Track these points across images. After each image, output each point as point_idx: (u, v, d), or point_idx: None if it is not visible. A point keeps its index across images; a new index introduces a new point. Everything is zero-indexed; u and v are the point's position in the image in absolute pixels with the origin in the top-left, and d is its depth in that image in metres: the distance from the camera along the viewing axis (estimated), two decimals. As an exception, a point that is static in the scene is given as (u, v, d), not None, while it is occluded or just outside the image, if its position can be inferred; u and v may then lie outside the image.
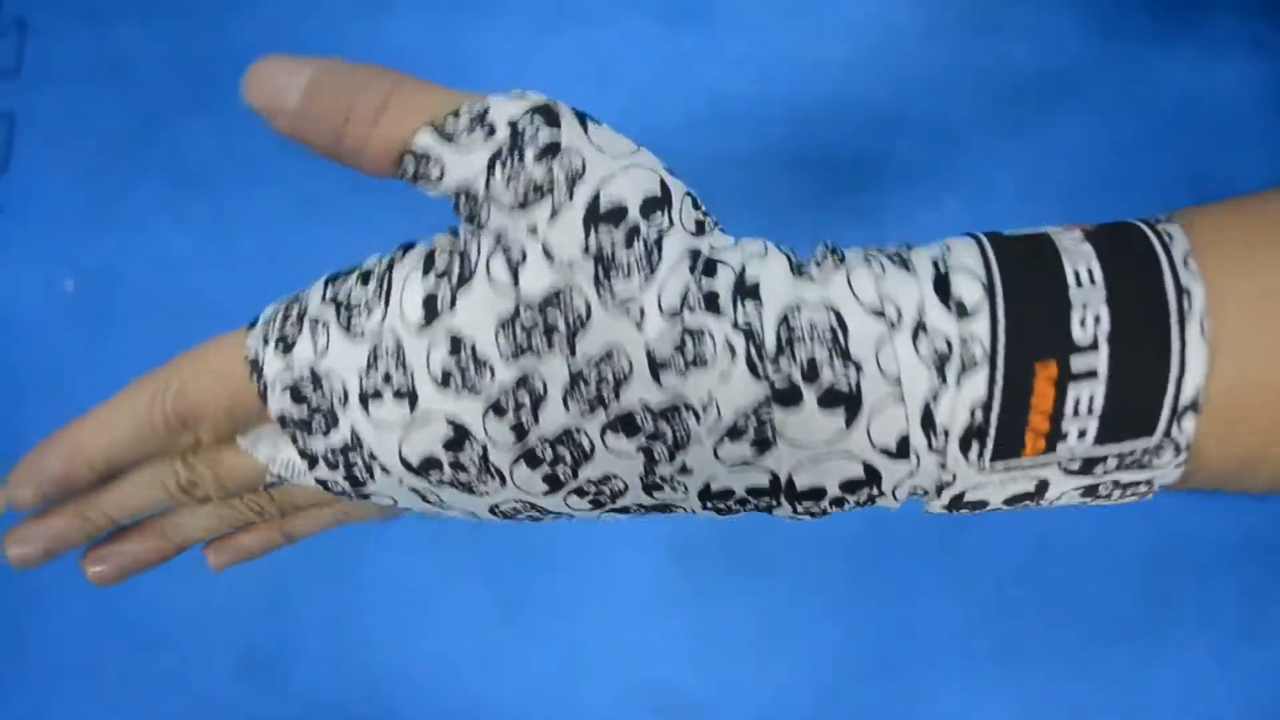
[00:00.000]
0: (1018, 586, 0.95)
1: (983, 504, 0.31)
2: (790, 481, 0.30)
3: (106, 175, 1.05)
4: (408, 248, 0.31)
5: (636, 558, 0.96)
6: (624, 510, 0.32)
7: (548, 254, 0.28)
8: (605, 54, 1.04)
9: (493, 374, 0.28)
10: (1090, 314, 0.27)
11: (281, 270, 1.02)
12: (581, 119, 0.30)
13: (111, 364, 1.01)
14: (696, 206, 0.31)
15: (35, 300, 1.02)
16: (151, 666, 0.96)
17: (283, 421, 0.32)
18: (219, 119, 1.05)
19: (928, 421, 0.28)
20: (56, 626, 0.97)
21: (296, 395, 0.32)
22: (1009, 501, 0.30)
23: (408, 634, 0.96)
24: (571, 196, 0.28)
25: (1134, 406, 0.27)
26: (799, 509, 0.32)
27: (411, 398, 0.29)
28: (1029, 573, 0.95)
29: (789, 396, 0.28)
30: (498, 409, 0.28)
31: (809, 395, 0.28)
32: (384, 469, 0.31)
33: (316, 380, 0.31)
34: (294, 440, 0.33)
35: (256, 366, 0.32)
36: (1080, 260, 0.27)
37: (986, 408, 0.27)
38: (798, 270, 0.29)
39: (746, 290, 0.29)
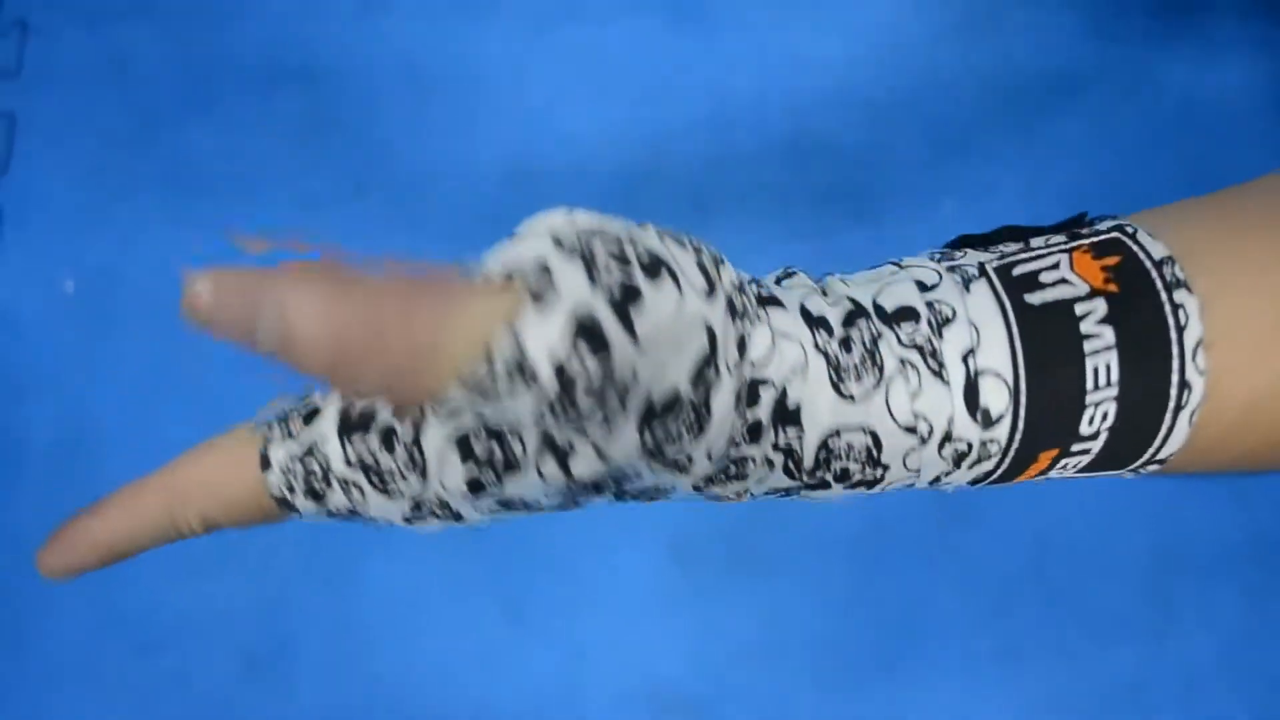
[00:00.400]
0: (1018, 586, 0.95)
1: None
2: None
3: (106, 176, 1.05)
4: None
5: (637, 559, 0.96)
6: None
7: (601, 453, 0.27)
8: (605, 53, 1.04)
9: (541, 506, 0.29)
10: (1100, 412, 0.29)
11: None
12: (623, 313, 0.25)
13: (111, 364, 1.01)
14: (739, 314, 0.28)
15: (35, 301, 1.02)
16: (152, 667, 0.96)
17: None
18: (219, 120, 1.05)
19: (934, 481, 0.31)
20: (58, 627, 0.97)
21: (331, 515, 0.32)
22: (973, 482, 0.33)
23: (409, 635, 0.96)
24: (625, 408, 0.26)
25: (1113, 460, 0.30)
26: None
27: (457, 518, 0.30)
28: (1029, 572, 0.95)
29: (819, 486, 0.31)
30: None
31: (837, 486, 0.31)
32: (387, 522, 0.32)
33: (355, 513, 0.31)
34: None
35: (286, 503, 0.31)
36: (1100, 355, 0.29)
37: (988, 475, 0.31)
38: (837, 382, 0.29)
39: (788, 415, 0.29)
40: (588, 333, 0.24)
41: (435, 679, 0.95)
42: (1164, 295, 0.29)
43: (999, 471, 0.30)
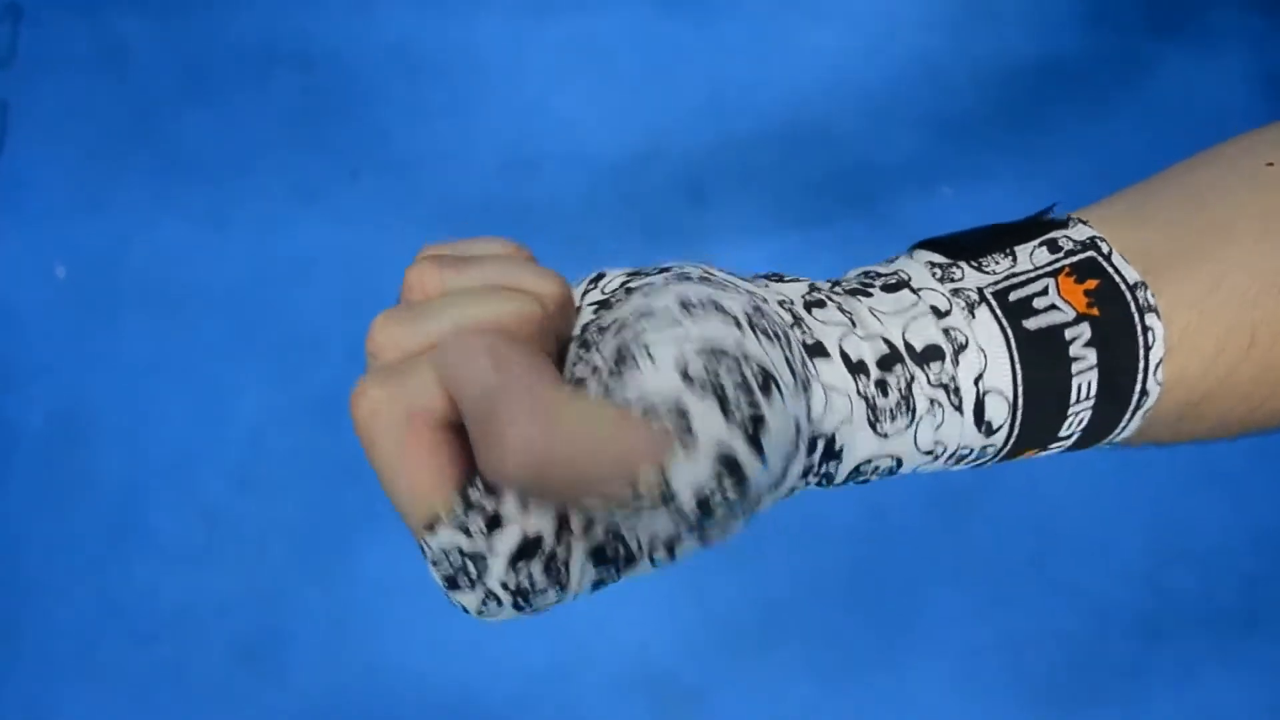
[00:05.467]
0: (1016, 576, 0.95)
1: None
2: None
3: (101, 163, 1.05)
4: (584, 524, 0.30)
5: (633, 547, 0.96)
6: None
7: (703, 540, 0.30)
8: (602, 42, 1.04)
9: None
10: (1077, 419, 0.35)
11: (276, 259, 1.02)
12: (755, 441, 0.28)
13: (105, 351, 1.01)
14: (803, 385, 0.31)
15: (30, 288, 1.02)
16: (148, 657, 0.96)
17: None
18: (214, 108, 1.05)
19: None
20: (54, 617, 0.97)
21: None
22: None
23: (403, 624, 0.96)
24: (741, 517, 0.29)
25: (1074, 448, 0.37)
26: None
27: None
28: (1030, 562, 0.95)
29: (831, 481, 0.35)
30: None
31: (850, 482, 0.35)
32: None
33: (466, 610, 0.32)
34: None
35: (421, 549, 0.31)
36: (1084, 374, 0.34)
37: (975, 464, 0.36)
38: (874, 422, 0.33)
39: (833, 454, 0.33)
40: (728, 464, 0.27)
41: (429, 667, 0.95)
42: (1137, 321, 0.35)
43: (985, 465, 0.36)
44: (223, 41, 1.06)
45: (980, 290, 0.35)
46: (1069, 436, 0.36)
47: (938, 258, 0.36)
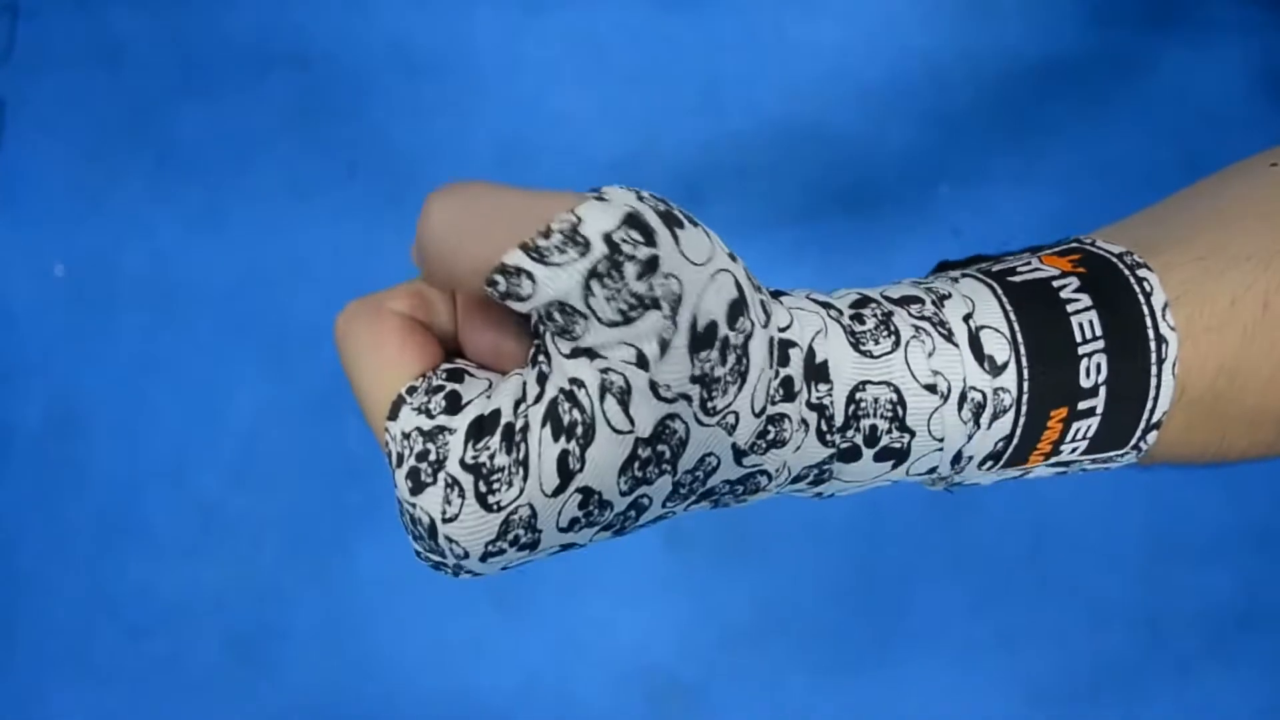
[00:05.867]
0: (1013, 572, 0.95)
1: (975, 485, 0.37)
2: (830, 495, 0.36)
3: (98, 160, 1.05)
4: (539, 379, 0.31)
5: (628, 543, 0.95)
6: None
7: (654, 388, 0.29)
8: (596, 37, 1.04)
9: (612, 508, 0.31)
10: (1094, 364, 0.33)
11: (273, 256, 1.02)
12: (669, 223, 0.30)
13: (101, 349, 1.01)
14: (757, 288, 0.32)
15: (26, 285, 1.02)
16: (142, 652, 0.96)
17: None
18: (211, 105, 1.05)
19: (957, 458, 0.34)
20: (47, 612, 0.97)
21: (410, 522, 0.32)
22: (996, 482, 0.37)
23: (398, 620, 0.96)
24: (676, 325, 0.29)
25: (1116, 429, 0.34)
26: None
27: (534, 545, 0.31)
28: (1027, 559, 0.95)
29: (850, 454, 0.33)
30: (608, 526, 0.32)
31: (867, 453, 0.33)
32: (475, 574, 0.33)
33: (434, 533, 0.31)
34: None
35: (388, 455, 0.32)
36: (1082, 314, 0.33)
37: (1007, 440, 0.34)
38: (856, 344, 0.33)
39: (817, 371, 0.32)
40: (636, 222, 0.29)
41: (425, 664, 0.95)
42: (1127, 272, 0.34)
43: (1017, 434, 0.33)
44: (219, 39, 1.06)
45: (961, 271, 0.36)
46: (1094, 391, 0.33)
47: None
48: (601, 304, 0.28)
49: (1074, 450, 0.34)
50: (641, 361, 0.29)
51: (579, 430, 0.29)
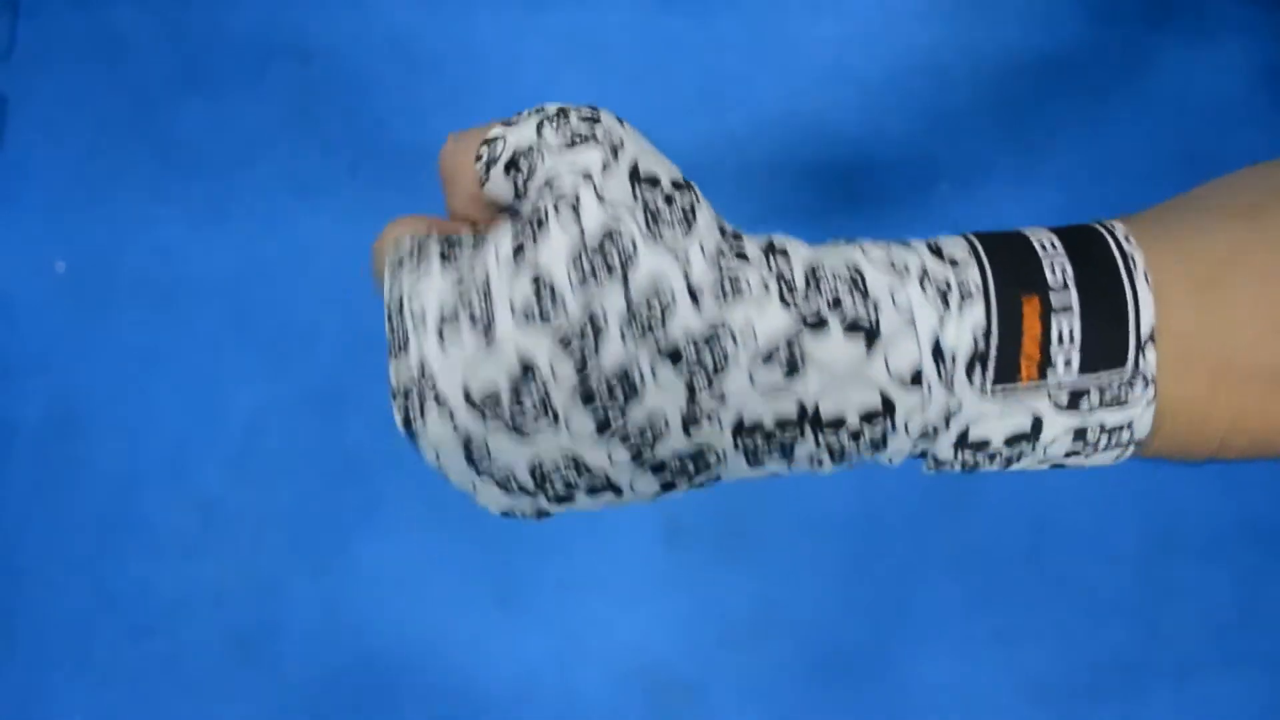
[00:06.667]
0: (1013, 568, 0.95)
1: (984, 444, 0.35)
2: (816, 410, 0.34)
3: (99, 157, 1.05)
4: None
5: (629, 540, 0.96)
6: (659, 468, 0.35)
7: (599, 196, 0.33)
8: (597, 35, 1.04)
9: (564, 305, 0.32)
10: (1058, 265, 0.33)
11: (274, 252, 1.02)
12: (620, 119, 0.36)
13: (102, 345, 1.01)
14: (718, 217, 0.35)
15: (27, 281, 1.02)
16: (144, 650, 0.96)
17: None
18: (212, 101, 1.05)
19: (938, 352, 0.33)
20: (49, 610, 0.97)
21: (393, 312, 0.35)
22: (1009, 442, 0.34)
23: (400, 617, 0.96)
24: (616, 158, 0.34)
25: (1106, 340, 0.33)
26: (820, 440, 0.34)
27: (488, 327, 0.33)
28: (1026, 555, 0.95)
29: (817, 324, 0.33)
30: (564, 342, 0.32)
31: (834, 323, 0.33)
32: (440, 402, 0.33)
33: (402, 305, 0.34)
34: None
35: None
36: (1043, 236, 0.34)
37: (986, 334, 0.33)
38: (810, 245, 0.35)
39: (775, 250, 0.34)
40: (590, 106, 0.36)
41: (426, 660, 0.95)
42: (1096, 226, 0.34)
43: (993, 325, 0.33)
44: (221, 35, 1.06)
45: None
46: (1064, 286, 0.33)
47: None
48: (550, 135, 0.34)
49: (1068, 364, 0.33)
50: (587, 176, 0.33)
51: (534, 226, 0.33)
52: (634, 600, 0.95)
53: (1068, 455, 0.35)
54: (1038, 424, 0.34)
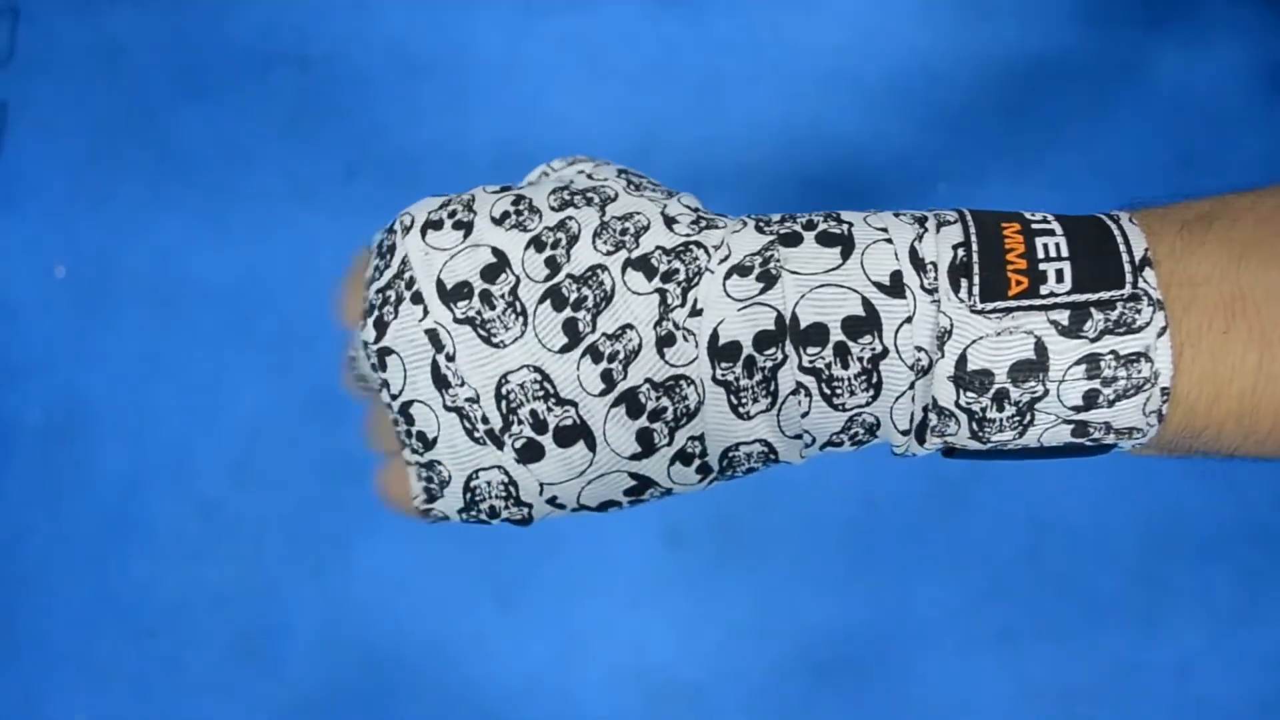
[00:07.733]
0: (1012, 569, 0.95)
1: (987, 376, 0.31)
2: (795, 319, 0.32)
3: (99, 161, 1.05)
4: None
5: (629, 543, 0.96)
6: (635, 407, 0.33)
7: (588, 174, 0.37)
8: (596, 38, 1.04)
9: (540, 217, 0.34)
10: (1039, 214, 0.33)
11: (273, 255, 1.02)
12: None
13: (103, 349, 1.01)
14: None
15: (28, 286, 1.03)
16: (146, 652, 0.97)
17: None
18: (212, 106, 1.05)
19: (915, 260, 0.32)
20: (51, 612, 0.98)
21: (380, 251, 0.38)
22: (1015, 376, 0.31)
23: (401, 619, 0.96)
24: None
25: (1097, 258, 0.31)
26: (805, 361, 0.32)
27: (468, 228, 0.35)
28: (1025, 556, 0.95)
29: (791, 239, 0.33)
30: (538, 243, 0.34)
31: (809, 236, 0.33)
32: (416, 299, 0.35)
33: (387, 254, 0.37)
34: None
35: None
36: (1032, 213, 0.33)
37: (966, 247, 0.32)
38: None
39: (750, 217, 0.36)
40: None
41: (427, 662, 0.95)
42: (1102, 215, 0.33)
43: (973, 240, 0.32)
44: (219, 39, 1.07)
45: None
46: (1044, 221, 0.32)
47: None
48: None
49: (1060, 277, 0.31)
50: (581, 170, 0.38)
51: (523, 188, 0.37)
52: (635, 602, 0.95)
53: (1087, 402, 0.31)
54: (1041, 348, 0.31)
